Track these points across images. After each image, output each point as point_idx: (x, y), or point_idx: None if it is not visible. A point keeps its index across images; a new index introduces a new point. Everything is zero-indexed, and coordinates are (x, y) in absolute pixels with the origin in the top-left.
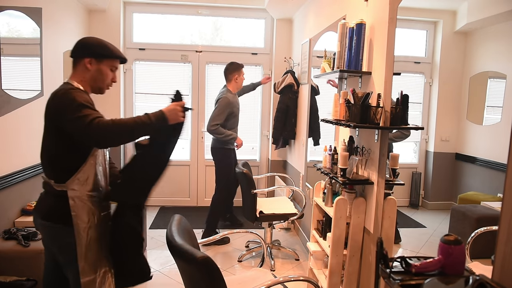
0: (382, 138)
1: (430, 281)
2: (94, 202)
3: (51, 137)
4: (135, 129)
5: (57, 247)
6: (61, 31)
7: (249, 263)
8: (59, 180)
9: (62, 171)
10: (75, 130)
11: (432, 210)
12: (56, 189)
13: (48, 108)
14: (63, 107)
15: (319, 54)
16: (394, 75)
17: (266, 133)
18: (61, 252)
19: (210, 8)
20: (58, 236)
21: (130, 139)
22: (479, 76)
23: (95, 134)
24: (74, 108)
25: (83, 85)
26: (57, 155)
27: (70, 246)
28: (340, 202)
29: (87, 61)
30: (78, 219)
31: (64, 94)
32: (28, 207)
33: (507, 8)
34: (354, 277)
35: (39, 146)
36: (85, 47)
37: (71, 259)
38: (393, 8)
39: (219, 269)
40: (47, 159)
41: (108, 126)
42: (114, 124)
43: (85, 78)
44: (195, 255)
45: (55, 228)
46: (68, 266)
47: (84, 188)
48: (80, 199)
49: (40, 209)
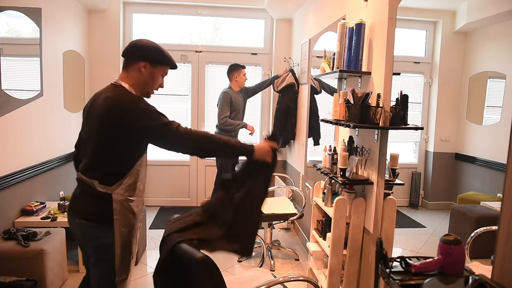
0: (381, 138)
1: (430, 281)
2: (133, 206)
3: (107, 141)
4: (220, 146)
5: (94, 246)
6: (61, 31)
7: (249, 263)
8: (105, 182)
9: (110, 174)
10: (160, 136)
11: (431, 210)
12: (99, 190)
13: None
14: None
15: (318, 54)
16: (393, 75)
17: (266, 133)
18: (97, 251)
19: (210, 8)
20: (97, 236)
21: (209, 152)
22: (479, 76)
23: (184, 139)
24: (153, 116)
25: (134, 88)
26: (110, 159)
27: (109, 246)
28: (340, 202)
29: (142, 65)
30: (118, 222)
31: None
32: (28, 207)
33: (506, 8)
34: (354, 277)
35: (39, 146)
36: (142, 51)
37: (106, 258)
38: (392, 8)
39: (219, 269)
40: (96, 162)
41: (195, 134)
42: (203, 135)
43: (136, 81)
44: (195, 255)
45: (95, 228)
46: (101, 265)
47: (127, 192)
48: (122, 203)
49: (79, 209)
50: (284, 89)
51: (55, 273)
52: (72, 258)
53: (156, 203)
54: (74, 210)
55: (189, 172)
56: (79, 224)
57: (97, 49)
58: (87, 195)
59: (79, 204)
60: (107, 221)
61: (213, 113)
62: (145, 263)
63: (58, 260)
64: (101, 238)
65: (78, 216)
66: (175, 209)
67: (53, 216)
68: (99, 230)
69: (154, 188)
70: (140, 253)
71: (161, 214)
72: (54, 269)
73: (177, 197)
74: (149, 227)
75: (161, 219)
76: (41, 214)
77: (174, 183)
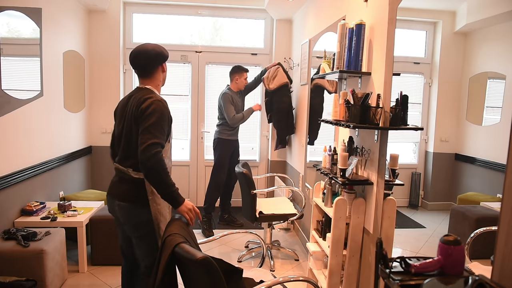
0: (381, 139)
1: (430, 282)
2: None
3: (137, 135)
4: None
5: (134, 224)
6: (61, 31)
7: (248, 263)
8: (138, 169)
9: None
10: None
11: (431, 210)
12: (133, 176)
13: (139, 112)
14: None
15: (318, 55)
16: (393, 75)
17: (266, 133)
18: (138, 228)
19: (210, 9)
20: (136, 215)
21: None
22: (479, 76)
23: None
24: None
25: (157, 89)
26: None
27: (148, 222)
28: (340, 202)
29: (162, 67)
30: (153, 202)
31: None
32: (28, 207)
33: (506, 8)
34: (354, 277)
35: (39, 146)
36: (159, 55)
37: (148, 233)
38: (392, 8)
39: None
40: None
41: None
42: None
43: (159, 82)
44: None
45: (134, 208)
46: (145, 240)
47: None
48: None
49: (118, 193)
50: (279, 89)
51: (55, 273)
52: (72, 258)
53: None
54: (113, 194)
55: (189, 172)
56: (119, 206)
57: (97, 49)
58: (124, 181)
59: (118, 189)
60: (142, 202)
61: (213, 113)
62: None
63: (58, 260)
64: (140, 216)
65: (118, 199)
66: None
67: (53, 216)
68: (137, 210)
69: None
70: None
71: None
72: (54, 269)
73: None
74: None
75: None
76: (41, 214)
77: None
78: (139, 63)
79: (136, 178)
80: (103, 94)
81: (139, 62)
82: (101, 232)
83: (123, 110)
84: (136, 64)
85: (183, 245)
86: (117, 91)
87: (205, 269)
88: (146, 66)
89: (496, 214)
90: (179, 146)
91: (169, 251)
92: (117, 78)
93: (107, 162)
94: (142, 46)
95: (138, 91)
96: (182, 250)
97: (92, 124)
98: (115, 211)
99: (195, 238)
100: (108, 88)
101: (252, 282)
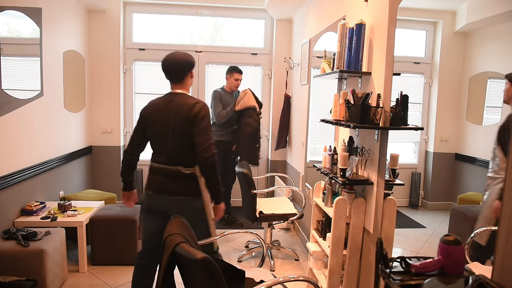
0: (382, 139)
1: (430, 281)
2: None
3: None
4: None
5: (190, 213)
6: (61, 31)
7: (248, 263)
8: (188, 165)
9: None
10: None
11: (431, 210)
12: (185, 173)
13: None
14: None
15: (319, 55)
16: (394, 75)
17: (266, 133)
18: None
19: (210, 9)
20: (191, 205)
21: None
22: (479, 76)
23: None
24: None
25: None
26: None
27: (202, 210)
28: (340, 202)
29: (191, 73)
30: (204, 192)
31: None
32: (28, 207)
33: (506, 8)
34: (354, 277)
35: (39, 146)
36: (189, 63)
37: (202, 219)
38: (393, 8)
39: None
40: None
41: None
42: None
43: (189, 86)
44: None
45: (189, 200)
46: (199, 225)
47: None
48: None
49: (172, 189)
50: (245, 111)
51: (55, 273)
52: (72, 258)
53: None
54: (167, 191)
55: None
56: (176, 201)
57: (97, 49)
58: (175, 178)
59: (172, 185)
60: (196, 193)
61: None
62: None
63: (58, 260)
64: (195, 206)
65: (174, 195)
66: None
67: (53, 216)
68: (192, 201)
69: None
70: None
71: None
72: (54, 269)
73: None
74: None
75: None
76: (41, 214)
77: None
78: (172, 70)
79: (187, 174)
80: (103, 94)
81: (172, 69)
82: (101, 232)
83: (164, 113)
84: (169, 71)
85: (183, 245)
86: (117, 91)
87: (205, 269)
88: (178, 73)
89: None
90: None
91: (169, 251)
92: (117, 78)
93: (107, 162)
94: (173, 55)
95: (176, 96)
96: (182, 250)
97: (92, 124)
98: (164, 206)
99: (195, 238)
100: (108, 88)
101: (252, 282)
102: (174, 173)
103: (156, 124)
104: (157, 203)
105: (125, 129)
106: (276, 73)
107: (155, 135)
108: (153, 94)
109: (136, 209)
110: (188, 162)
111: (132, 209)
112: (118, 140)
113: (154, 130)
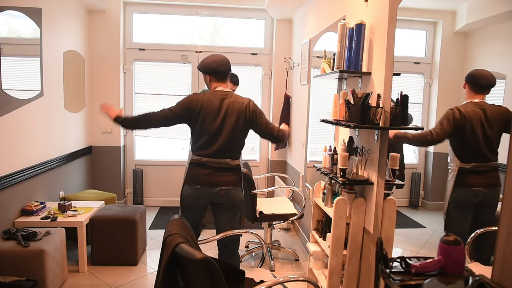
0: (382, 139)
1: (430, 281)
2: None
3: (242, 131)
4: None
5: (233, 201)
6: (61, 31)
7: (249, 263)
8: (234, 158)
9: (238, 153)
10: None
11: (431, 210)
12: (232, 165)
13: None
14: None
15: (319, 55)
16: (394, 75)
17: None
18: (235, 204)
19: (210, 9)
20: (236, 194)
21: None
22: None
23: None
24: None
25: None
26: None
27: (241, 199)
28: (340, 202)
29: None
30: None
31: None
32: (28, 207)
33: (507, 8)
34: (354, 277)
35: (39, 146)
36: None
37: (240, 207)
38: (393, 8)
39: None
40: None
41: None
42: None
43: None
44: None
45: (235, 189)
46: (236, 212)
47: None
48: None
49: (222, 179)
50: None
51: (55, 273)
52: (72, 258)
53: (156, 203)
54: (216, 182)
55: None
56: (226, 191)
57: (97, 49)
58: (223, 170)
59: (221, 177)
60: (240, 184)
61: None
62: (145, 263)
63: (58, 260)
64: (239, 195)
65: (223, 185)
66: (175, 209)
67: (53, 216)
68: (237, 190)
69: (154, 188)
70: (140, 253)
71: (161, 214)
72: (54, 269)
73: (177, 197)
74: (149, 227)
75: (161, 219)
76: (41, 214)
77: (174, 183)
78: (223, 70)
79: (234, 166)
80: (103, 94)
81: (224, 68)
82: (101, 232)
83: (218, 110)
84: (221, 71)
85: (183, 245)
86: (117, 91)
87: (205, 269)
88: (225, 73)
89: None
90: (179, 146)
91: (169, 251)
92: (117, 78)
93: (107, 162)
94: (218, 57)
95: (225, 94)
96: (182, 250)
97: (92, 124)
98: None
99: (195, 238)
100: (108, 88)
101: (252, 282)
102: (218, 165)
103: (208, 119)
104: (205, 197)
105: (125, 129)
106: (276, 73)
107: (205, 130)
108: (153, 94)
109: (136, 209)
110: (235, 155)
111: (132, 209)
112: (118, 140)
113: (205, 125)
